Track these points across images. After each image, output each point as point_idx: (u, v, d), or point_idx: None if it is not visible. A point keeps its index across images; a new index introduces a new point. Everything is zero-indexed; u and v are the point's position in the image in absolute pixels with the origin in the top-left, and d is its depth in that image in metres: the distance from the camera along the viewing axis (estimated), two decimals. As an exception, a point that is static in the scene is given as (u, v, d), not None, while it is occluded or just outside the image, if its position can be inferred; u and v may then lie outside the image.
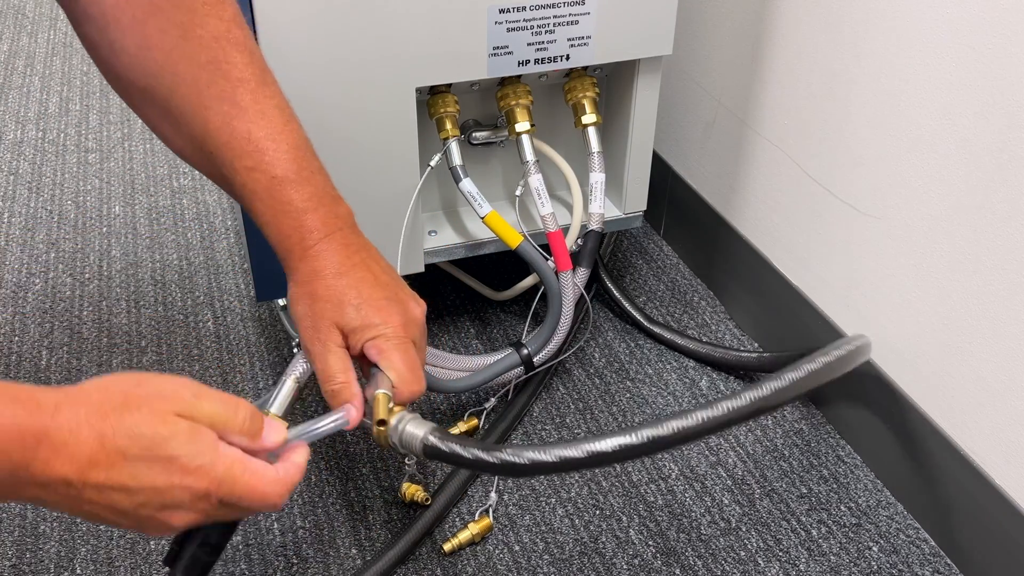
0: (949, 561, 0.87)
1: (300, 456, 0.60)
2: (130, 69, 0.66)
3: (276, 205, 0.67)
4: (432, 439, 0.64)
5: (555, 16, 0.89)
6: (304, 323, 0.68)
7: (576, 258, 0.98)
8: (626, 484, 0.94)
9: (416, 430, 0.65)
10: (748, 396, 0.70)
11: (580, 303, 0.98)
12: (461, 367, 0.95)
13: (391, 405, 0.66)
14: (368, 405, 0.67)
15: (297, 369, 0.70)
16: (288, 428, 0.60)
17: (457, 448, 0.64)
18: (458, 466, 0.66)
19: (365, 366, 0.69)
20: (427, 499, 0.89)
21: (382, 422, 0.65)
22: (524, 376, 0.98)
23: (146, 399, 0.53)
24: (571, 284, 0.96)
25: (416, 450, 0.65)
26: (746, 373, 1.07)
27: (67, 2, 0.66)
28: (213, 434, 0.55)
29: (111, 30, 0.64)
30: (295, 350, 0.73)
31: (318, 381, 0.68)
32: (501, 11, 0.87)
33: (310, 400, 1.01)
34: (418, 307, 0.71)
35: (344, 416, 0.65)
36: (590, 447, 0.63)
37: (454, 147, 0.93)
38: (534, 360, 0.97)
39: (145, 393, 0.53)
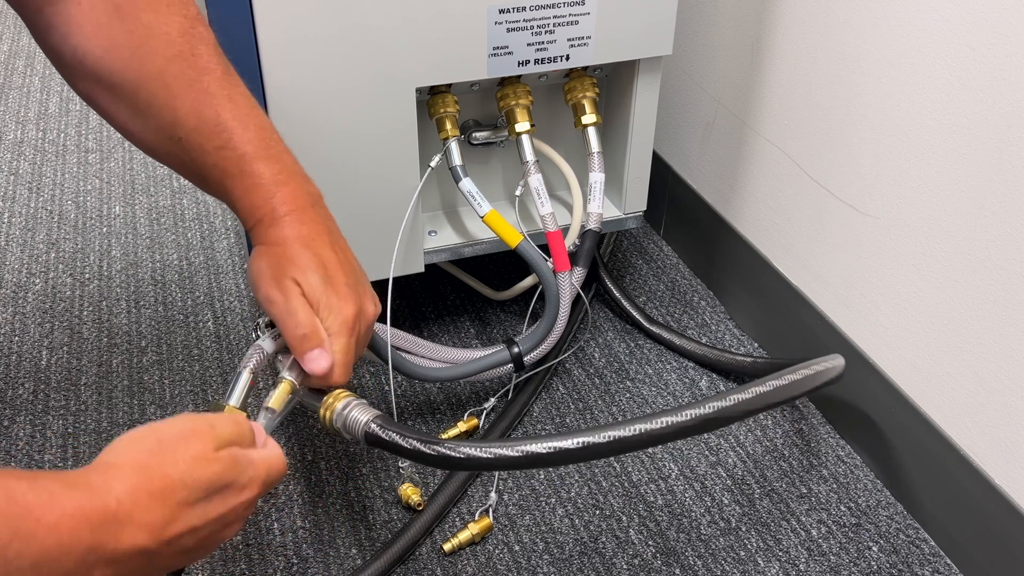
0: (949, 561, 0.87)
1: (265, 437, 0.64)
2: (96, 70, 0.67)
3: (247, 179, 0.69)
4: (373, 426, 0.66)
5: (555, 16, 0.89)
6: (264, 275, 0.68)
7: (572, 258, 0.98)
8: (626, 484, 0.94)
9: (360, 416, 0.66)
10: (689, 412, 0.70)
11: (578, 303, 0.98)
12: (449, 359, 0.95)
13: (299, 388, 0.68)
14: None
15: (252, 361, 0.71)
16: (255, 420, 0.65)
17: (397, 438, 0.65)
18: (398, 455, 0.67)
19: None
20: (420, 504, 0.89)
21: (270, 410, 0.66)
22: (520, 376, 0.98)
23: (180, 449, 0.54)
24: (568, 284, 0.96)
25: (358, 436, 0.67)
26: (741, 376, 1.07)
27: (29, 16, 0.69)
28: (239, 448, 0.58)
29: (74, 36, 0.67)
30: (253, 335, 0.73)
31: (282, 331, 0.68)
32: (501, 11, 0.87)
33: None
34: (373, 308, 0.72)
35: (294, 397, 0.68)
36: (525, 448, 0.65)
37: (454, 147, 0.93)
38: (524, 360, 0.96)
39: (173, 444, 0.54)
